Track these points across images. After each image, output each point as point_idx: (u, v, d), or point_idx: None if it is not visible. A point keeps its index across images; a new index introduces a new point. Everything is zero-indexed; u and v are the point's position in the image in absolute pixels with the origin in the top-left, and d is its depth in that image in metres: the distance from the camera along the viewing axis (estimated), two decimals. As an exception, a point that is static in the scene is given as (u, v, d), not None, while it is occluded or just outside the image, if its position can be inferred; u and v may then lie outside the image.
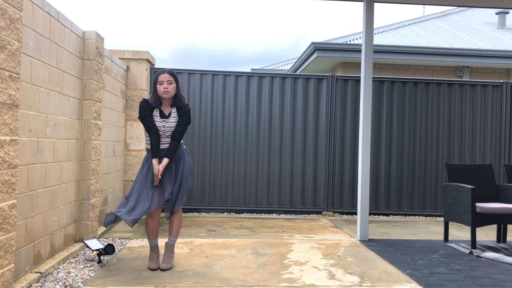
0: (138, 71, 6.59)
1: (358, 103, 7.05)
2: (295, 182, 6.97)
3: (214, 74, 6.94)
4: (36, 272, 3.42)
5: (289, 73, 7.16)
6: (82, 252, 4.31)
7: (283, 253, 4.43)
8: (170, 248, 3.85)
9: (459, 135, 7.22)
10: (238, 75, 6.98)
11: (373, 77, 7.07)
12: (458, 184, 4.91)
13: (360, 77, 5.33)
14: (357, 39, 10.70)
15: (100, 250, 3.94)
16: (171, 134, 3.73)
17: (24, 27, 3.27)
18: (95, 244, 4.01)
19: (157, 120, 3.71)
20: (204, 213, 6.88)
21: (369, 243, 5.00)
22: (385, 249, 4.72)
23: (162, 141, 3.72)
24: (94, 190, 4.67)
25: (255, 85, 6.99)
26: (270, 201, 6.95)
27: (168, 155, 3.69)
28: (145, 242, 4.74)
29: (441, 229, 6.01)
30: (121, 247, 4.52)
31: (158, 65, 10.12)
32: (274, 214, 6.94)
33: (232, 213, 6.93)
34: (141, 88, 6.59)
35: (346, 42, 10.08)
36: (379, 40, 10.47)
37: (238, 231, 5.48)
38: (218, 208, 6.89)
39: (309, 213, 7.00)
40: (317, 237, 5.28)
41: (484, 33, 11.95)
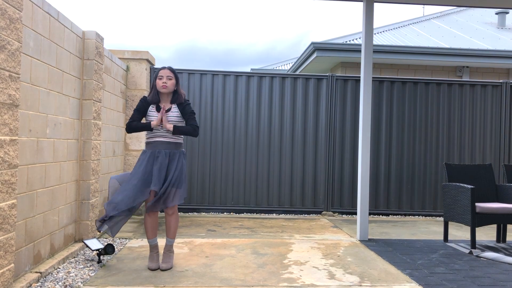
0: (138, 71, 6.60)
1: (358, 103, 7.05)
2: (295, 182, 6.98)
3: (214, 74, 6.95)
4: (36, 272, 3.42)
5: (288, 73, 7.17)
6: (82, 252, 4.31)
7: (283, 253, 4.43)
8: (169, 249, 3.86)
9: (458, 135, 7.22)
10: (237, 75, 6.98)
11: (373, 77, 7.07)
12: (458, 184, 4.91)
13: (360, 77, 5.33)
14: (357, 39, 10.70)
15: (100, 250, 3.94)
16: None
17: (24, 27, 3.27)
18: (95, 244, 4.01)
19: (154, 114, 3.75)
20: (204, 213, 6.88)
21: (369, 243, 5.01)
22: (384, 249, 4.73)
23: (162, 135, 3.73)
24: (94, 190, 4.68)
25: (254, 85, 6.99)
26: (270, 201, 6.95)
27: (176, 128, 3.71)
28: (144, 242, 4.74)
29: (440, 229, 6.02)
30: (121, 247, 4.52)
31: (158, 65, 10.12)
32: (274, 214, 6.94)
33: (232, 213, 6.93)
34: (141, 88, 6.59)
35: (346, 42, 10.08)
36: (379, 40, 10.47)
37: (238, 231, 5.48)
38: (218, 208, 6.90)
39: (309, 213, 7.01)
40: (317, 237, 5.28)
41: (484, 33, 11.95)
